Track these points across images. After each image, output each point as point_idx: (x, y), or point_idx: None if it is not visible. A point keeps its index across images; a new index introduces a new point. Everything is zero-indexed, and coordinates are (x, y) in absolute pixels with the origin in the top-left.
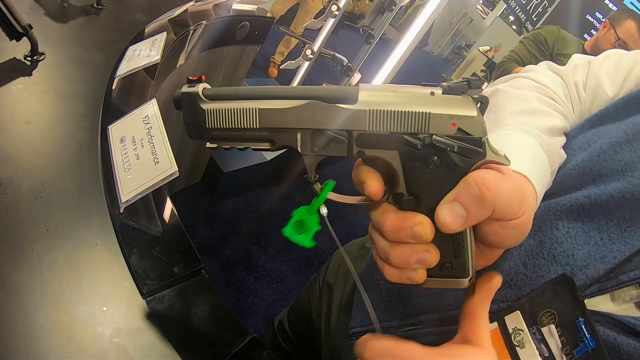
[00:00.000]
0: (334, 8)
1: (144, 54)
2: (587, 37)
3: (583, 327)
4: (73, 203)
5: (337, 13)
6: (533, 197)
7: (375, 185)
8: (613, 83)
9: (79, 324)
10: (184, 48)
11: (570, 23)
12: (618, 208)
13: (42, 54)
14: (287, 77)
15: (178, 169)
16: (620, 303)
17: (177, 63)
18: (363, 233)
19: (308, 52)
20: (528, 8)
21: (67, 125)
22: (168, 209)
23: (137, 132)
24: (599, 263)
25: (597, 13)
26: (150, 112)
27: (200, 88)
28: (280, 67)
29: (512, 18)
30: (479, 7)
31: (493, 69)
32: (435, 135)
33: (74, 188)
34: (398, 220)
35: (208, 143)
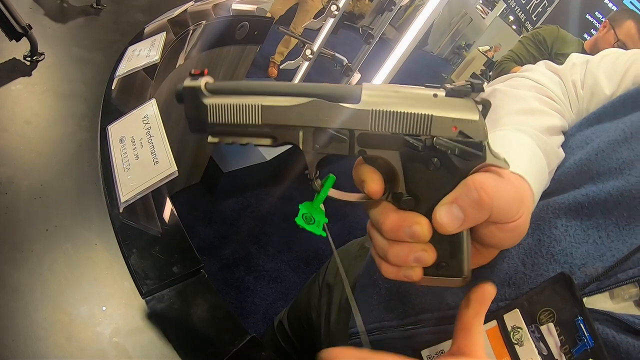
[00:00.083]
0: (334, 8)
1: (144, 54)
2: (586, 36)
3: (582, 325)
4: (72, 203)
5: (336, 13)
6: (531, 198)
7: (376, 185)
8: (611, 81)
9: (79, 324)
10: (184, 48)
11: (570, 23)
12: (616, 206)
13: (41, 54)
14: (286, 77)
15: (177, 169)
16: (619, 301)
17: (176, 63)
18: (363, 233)
19: (308, 52)
20: (528, 8)
21: (66, 126)
22: (168, 209)
23: (136, 132)
24: (598, 261)
25: (596, 13)
26: (150, 112)
27: (203, 82)
28: (280, 67)
29: (511, 18)
30: (479, 7)
31: (492, 69)
32: (437, 138)
33: (74, 188)
34: (397, 220)
35: (209, 138)
